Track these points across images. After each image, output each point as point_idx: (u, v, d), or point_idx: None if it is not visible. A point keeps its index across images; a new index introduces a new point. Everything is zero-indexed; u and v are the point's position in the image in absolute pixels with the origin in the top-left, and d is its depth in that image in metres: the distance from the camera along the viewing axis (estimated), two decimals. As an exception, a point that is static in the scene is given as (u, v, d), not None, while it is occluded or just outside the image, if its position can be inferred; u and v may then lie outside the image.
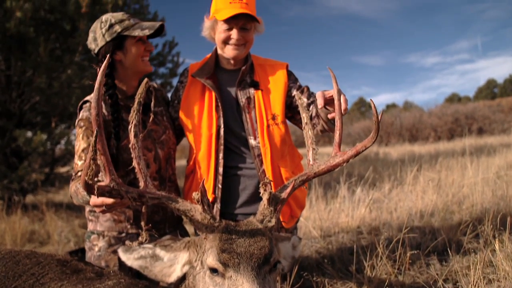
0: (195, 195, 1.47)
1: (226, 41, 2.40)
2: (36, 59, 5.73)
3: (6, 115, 6.95)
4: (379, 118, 1.60)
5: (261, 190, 1.60)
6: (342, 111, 1.80)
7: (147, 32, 2.23)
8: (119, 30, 2.25)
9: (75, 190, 1.97)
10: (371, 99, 1.62)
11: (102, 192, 1.41)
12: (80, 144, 2.19)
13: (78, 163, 2.17)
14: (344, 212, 4.36)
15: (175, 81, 2.77)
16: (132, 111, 1.62)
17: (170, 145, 2.52)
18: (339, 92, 1.83)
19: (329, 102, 1.96)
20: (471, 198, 4.46)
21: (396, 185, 5.69)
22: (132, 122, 1.59)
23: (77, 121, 2.30)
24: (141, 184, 1.56)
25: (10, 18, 5.30)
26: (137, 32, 2.23)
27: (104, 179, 1.44)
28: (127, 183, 2.33)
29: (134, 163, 1.56)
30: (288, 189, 1.66)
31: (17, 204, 6.58)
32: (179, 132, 2.63)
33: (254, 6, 2.41)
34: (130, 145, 1.57)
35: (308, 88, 2.50)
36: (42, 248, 4.73)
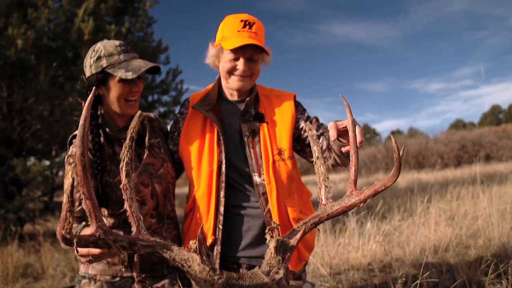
0: (192, 244, 1.28)
1: (231, 72, 2.23)
2: (36, 86, 5.64)
3: (6, 143, 6.85)
4: (400, 154, 1.41)
5: (267, 237, 1.41)
6: (358, 144, 1.62)
7: (129, 75, 2.01)
8: (104, 66, 2.07)
9: (64, 233, 1.78)
10: (391, 133, 1.45)
11: (85, 244, 1.23)
12: (68, 182, 2.02)
13: None
14: (352, 246, 4.14)
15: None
16: (123, 147, 1.45)
17: (168, 179, 2.34)
18: (354, 123, 1.65)
19: (342, 133, 1.79)
20: (487, 232, 4.23)
21: (406, 216, 5.46)
22: (124, 160, 1.42)
23: (66, 157, 2.13)
24: (133, 229, 1.38)
25: (11, 45, 5.24)
26: (120, 73, 2.03)
27: (91, 226, 1.26)
28: (122, 221, 2.16)
29: (126, 206, 1.38)
30: (298, 235, 1.48)
31: (14, 234, 6.39)
32: (179, 166, 2.45)
33: (263, 36, 2.25)
34: (121, 186, 1.40)
35: (317, 119, 2.33)
36: (35, 283, 4.50)
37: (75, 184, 2.00)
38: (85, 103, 1.24)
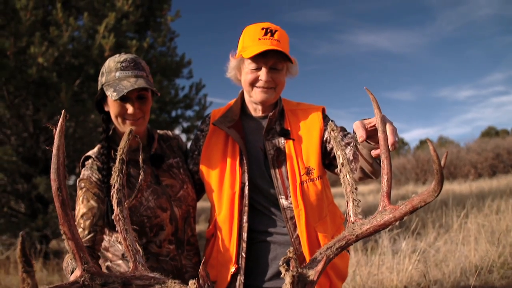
0: (191, 284, 1.09)
1: (253, 83, 2.02)
2: (57, 104, 5.64)
3: (32, 161, 6.89)
4: (442, 164, 1.12)
5: (282, 270, 1.19)
6: (390, 146, 1.34)
7: (114, 96, 1.88)
8: (102, 82, 1.97)
9: (65, 267, 1.63)
10: (428, 139, 1.18)
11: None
12: (79, 208, 1.87)
13: None
14: (386, 267, 3.85)
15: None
16: (113, 172, 1.27)
17: (189, 202, 2.14)
18: (384, 120, 1.36)
19: (372, 134, 1.52)
20: (534, 250, 3.88)
21: (442, 233, 5.11)
22: (114, 187, 1.24)
23: (78, 180, 1.99)
24: (130, 265, 1.20)
25: (32, 64, 5.25)
26: (109, 92, 1.91)
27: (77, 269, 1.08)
28: None
29: (120, 238, 1.21)
30: (320, 266, 1.24)
31: (39, 253, 6.37)
32: (200, 187, 2.25)
33: (287, 44, 2.04)
34: (113, 216, 1.22)
35: (343, 128, 2.09)
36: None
37: (85, 211, 1.86)
38: (56, 130, 1.07)
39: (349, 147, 1.91)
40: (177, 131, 9.24)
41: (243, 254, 2.00)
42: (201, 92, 9.36)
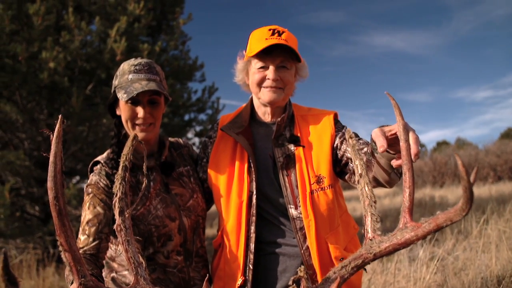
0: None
1: (260, 83, 1.95)
2: (68, 109, 5.65)
3: (45, 165, 6.92)
4: (472, 180, 0.98)
5: None
6: (413, 157, 1.24)
7: (124, 97, 1.85)
8: (115, 85, 1.95)
9: (67, 275, 1.56)
10: (456, 153, 1.08)
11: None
12: (85, 214, 1.82)
13: (81, 238, 1.77)
14: (402, 274, 3.72)
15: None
16: (116, 179, 1.21)
17: (198, 211, 2.07)
18: (406, 128, 1.26)
19: (392, 142, 1.42)
20: (560, 258, 3.70)
21: (461, 239, 4.95)
22: (116, 195, 1.18)
23: (85, 186, 1.94)
24: (132, 279, 1.13)
25: (44, 69, 5.27)
26: (119, 94, 1.88)
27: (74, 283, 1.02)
28: (146, 257, 1.92)
29: (122, 250, 1.14)
30: (333, 286, 1.16)
31: (52, 257, 6.38)
32: (209, 196, 2.17)
33: (296, 46, 1.95)
34: (114, 227, 1.16)
35: (355, 134, 1.99)
36: (66, 311, 4.37)
37: (90, 217, 1.81)
38: (53, 136, 1.01)
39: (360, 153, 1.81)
40: (190, 135, 9.23)
41: (251, 266, 1.91)
42: (214, 95, 9.33)
